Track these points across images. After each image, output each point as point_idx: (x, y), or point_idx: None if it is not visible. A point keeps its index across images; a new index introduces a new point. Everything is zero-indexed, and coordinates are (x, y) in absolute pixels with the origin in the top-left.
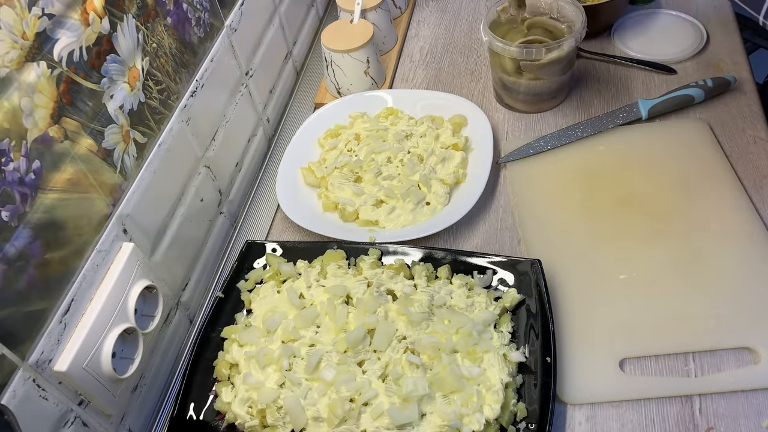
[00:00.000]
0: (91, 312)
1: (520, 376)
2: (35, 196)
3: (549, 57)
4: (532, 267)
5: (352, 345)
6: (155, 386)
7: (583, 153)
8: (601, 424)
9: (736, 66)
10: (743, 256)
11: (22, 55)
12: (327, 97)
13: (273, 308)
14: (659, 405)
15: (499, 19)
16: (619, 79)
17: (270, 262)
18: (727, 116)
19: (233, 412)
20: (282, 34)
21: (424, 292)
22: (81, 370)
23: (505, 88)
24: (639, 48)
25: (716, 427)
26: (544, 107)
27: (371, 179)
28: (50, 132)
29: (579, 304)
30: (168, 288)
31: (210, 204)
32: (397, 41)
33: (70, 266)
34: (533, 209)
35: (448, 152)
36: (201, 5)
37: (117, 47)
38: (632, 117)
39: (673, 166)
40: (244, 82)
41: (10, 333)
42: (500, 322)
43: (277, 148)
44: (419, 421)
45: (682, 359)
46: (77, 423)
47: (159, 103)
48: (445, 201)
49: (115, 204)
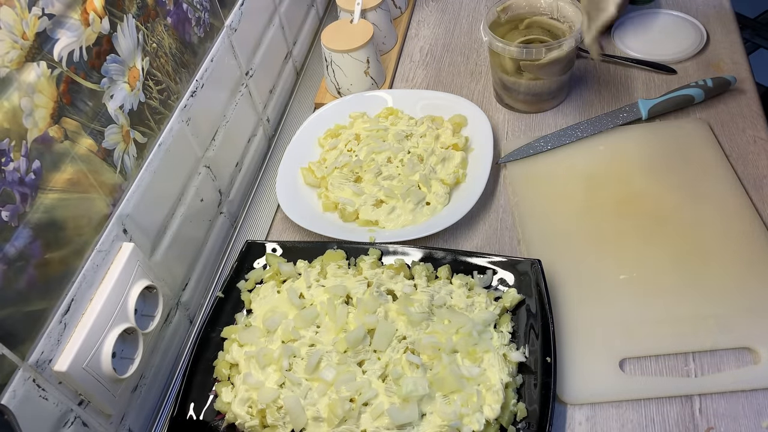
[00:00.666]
0: (91, 312)
1: (520, 376)
2: (35, 196)
3: (549, 57)
4: (532, 267)
5: (352, 345)
6: (155, 386)
7: (583, 153)
8: (601, 424)
9: (736, 66)
10: (743, 256)
11: (22, 55)
12: (327, 97)
13: (273, 308)
14: (659, 405)
15: (499, 19)
16: (619, 79)
17: (270, 262)
18: (727, 116)
19: (233, 412)
20: (282, 34)
21: (424, 292)
22: (81, 370)
23: (505, 88)
24: (639, 48)
25: (716, 427)
26: (544, 107)
27: (371, 179)
28: (50, 132)
29: (579, 304)
30: (168, 288)
31: (210, 204)
32: (397, 41)
33: (70, 266)
34: (533, 209)
35: (448, 152)
36: (201, 5)
37: (117, 47)
38: (632, 117)
39: (672, 165)
40: (244, 82)
41: (10, 333)
42: (500, 322)
43: (277, 148)
44: (419, 421)
45: (682, 359)
46: (77, 423)
47: (159, 103)
48: (445, 201)
49: (115, 204)
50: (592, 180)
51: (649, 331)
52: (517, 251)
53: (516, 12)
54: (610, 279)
